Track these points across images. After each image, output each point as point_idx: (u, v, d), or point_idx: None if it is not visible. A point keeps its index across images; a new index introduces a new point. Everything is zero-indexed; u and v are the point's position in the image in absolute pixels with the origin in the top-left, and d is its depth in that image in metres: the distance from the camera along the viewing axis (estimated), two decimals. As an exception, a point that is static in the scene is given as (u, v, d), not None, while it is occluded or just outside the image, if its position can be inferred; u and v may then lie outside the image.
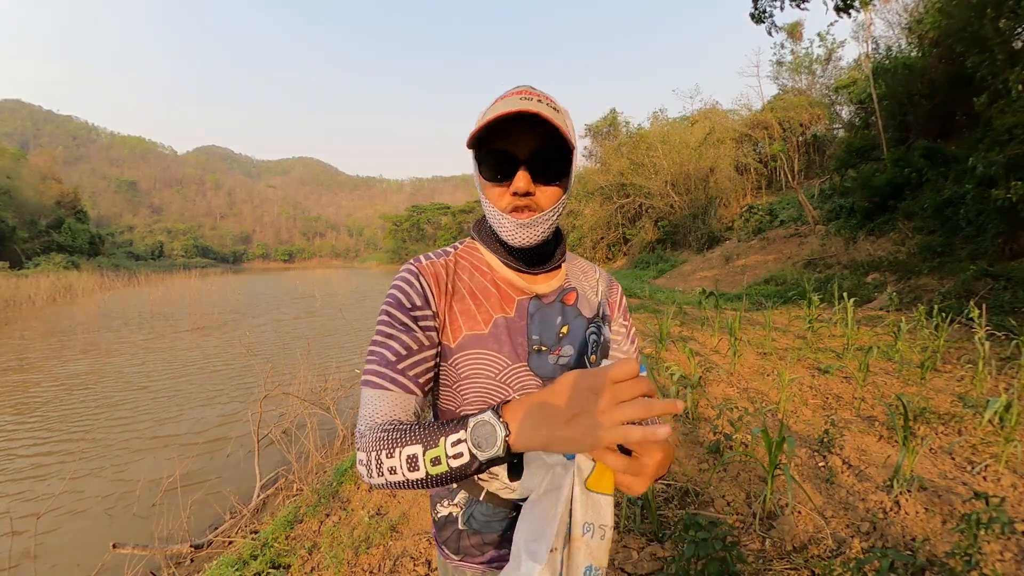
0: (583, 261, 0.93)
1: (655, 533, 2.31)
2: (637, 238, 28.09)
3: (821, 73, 27.42)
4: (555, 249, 0.82)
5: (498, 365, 0.76)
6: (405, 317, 0.75)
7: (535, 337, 0.79)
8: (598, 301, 0.88)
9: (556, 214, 0.75)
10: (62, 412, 7.23)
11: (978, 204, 8.40)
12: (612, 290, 0.92)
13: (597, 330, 0.84)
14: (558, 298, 0.82)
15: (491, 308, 0.78)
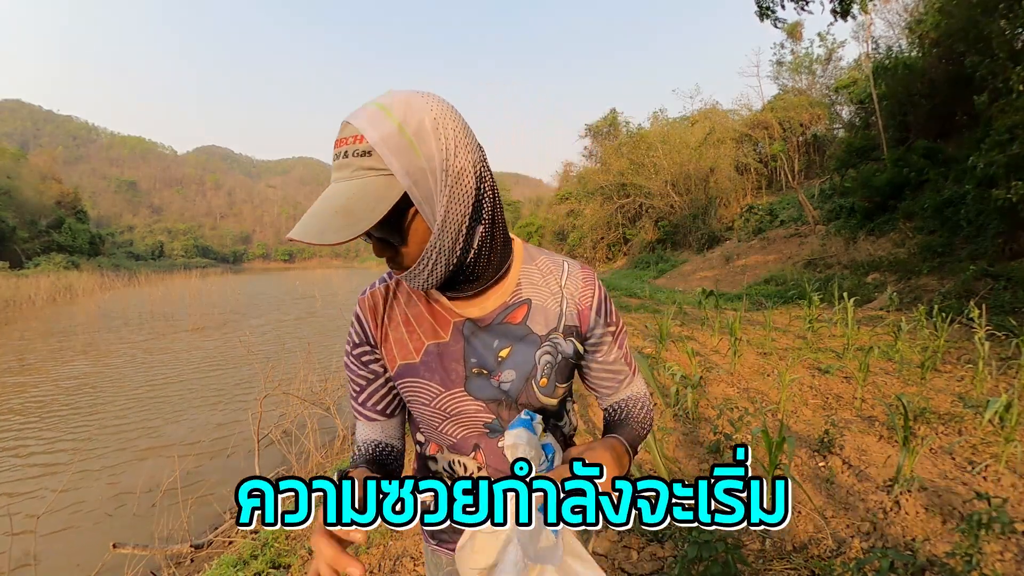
0: (550, 259, 0.81)
1: (655, 533, 2.31)
2: (637, 238, 28.09)
3: (821, 73, 27.43)
4: (484, 269, 0.71)
5: (431, 392, 0.77)
6: (352, 357, 0.81)
7: (473, 360, 0.76)
8: (559, 311, 0.78)
9: (433, 256, 0.64)
10: (62, 413, 7.23)
11: (978, 204, 8.39)
12: (585, 291, 0.80)
13: (553, 349, 0.77)
14: (497, 319, 0.76)
15: (423, 335, 0.77)
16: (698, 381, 3.75)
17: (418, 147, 0.59)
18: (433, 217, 0.62)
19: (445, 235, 0.63)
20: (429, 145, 0.60)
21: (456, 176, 0.61)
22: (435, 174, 0.61)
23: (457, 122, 0.63)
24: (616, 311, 0.86)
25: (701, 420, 3.58)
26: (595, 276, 0.83)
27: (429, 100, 0.62)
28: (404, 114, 0.59)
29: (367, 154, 0.58)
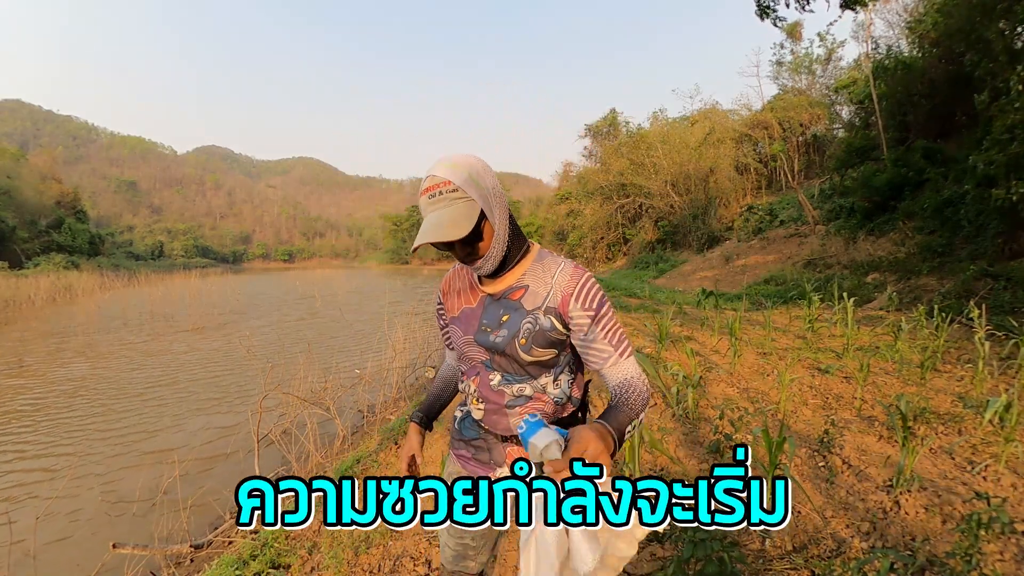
0: (554, 260, 1.10)
1: (655, 533, 2.31)
2: (637, 238, 28.09)
3: (821, 73, 27.43)
4: (504, 263, 1.07)
5: (458, 336, 1.19)
6: (436, 312, 1.32)
7: (485, 321, 1.12)
8: (545, 295, 1.07)
9: (498, 247, 1.01)
10: (60, 414, 7.23)
11: (978, 204, 8.39)
12: (570, 282, 1.06)
13: (533, 320, 1.06)
14: (504, 295, 1.10)
15: (463, 301, 1.19)
16: (698, 381, 3.75)
17: (480, 183, 0.97)
18: (495, 222, 1.00)
19: (501, 232, 1.01)
20: (485, 181, 0.98)
21: (499, 196, 1.01)
22: (491, 197, 0.99)
23: (488, 165, 1.02)
24: (600, 300, 1.06)
25: (701, 420, 3.58)
26: (583, 273, 1.07)
27: (472, 156, 1.00)
28: (467, 165, 0.97)
29: (455, 190, 0.94)
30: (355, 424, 6.07)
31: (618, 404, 1.00)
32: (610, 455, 0.89)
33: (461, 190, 0.94)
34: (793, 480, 2.29)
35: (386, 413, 6.13)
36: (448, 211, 0.94)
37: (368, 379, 6.83)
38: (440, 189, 0.94)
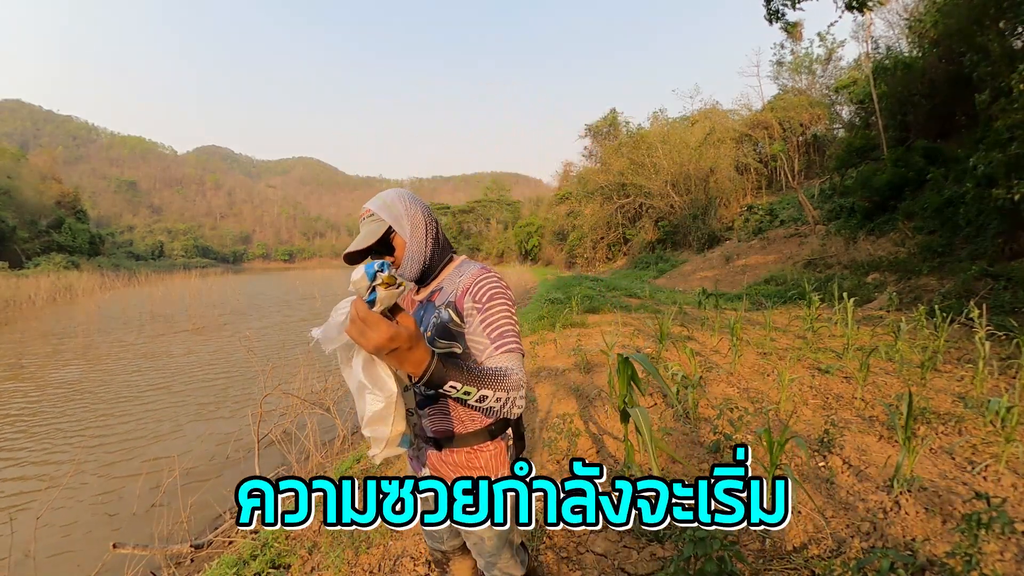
0: (469, 266, 1.26)
1: (655, 533, 2.31)
2: (637, 238, 28.09)
3: (821, 73, 27.43)
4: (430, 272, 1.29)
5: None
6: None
7: (418, 319, 1.29)
8: (451, 292, 1.22)
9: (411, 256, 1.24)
10: (60, 415, 7.23)
11: (978, 204, 8.39)
12: (469, 280, 1.19)
13: (437, 314, 1.21)
14: (426, 298, 1.31)
15: (408, 306, 1.38)
16: (698, 381, 3.75)
17: (391, 208, 1.24)
18: (405, 236, 1.23)
19: (413, 246, 1.24)
20: (396, 207, 1.24)
21: (412, 217, 1.24)
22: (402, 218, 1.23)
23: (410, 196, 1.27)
24: (490, 296, 1.16)
25: (701, 420, 3.58)
26: (485, 273, 1.20)
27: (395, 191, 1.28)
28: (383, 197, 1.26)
29: (372, 215, 1.25)
30: (355, 424, 6.07)
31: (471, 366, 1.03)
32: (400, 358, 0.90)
33: (376, 215, 1.23)
34: (793, 480, 2.29)
35: (386, 413, 6.12)
36: (364, 229, 1.24)
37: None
38: (364, 216, 1.26)
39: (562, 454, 3.27)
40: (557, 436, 3.33)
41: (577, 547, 2.36)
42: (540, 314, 8.76)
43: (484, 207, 67.99)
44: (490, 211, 66.66)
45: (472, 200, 75.16)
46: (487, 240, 61.42)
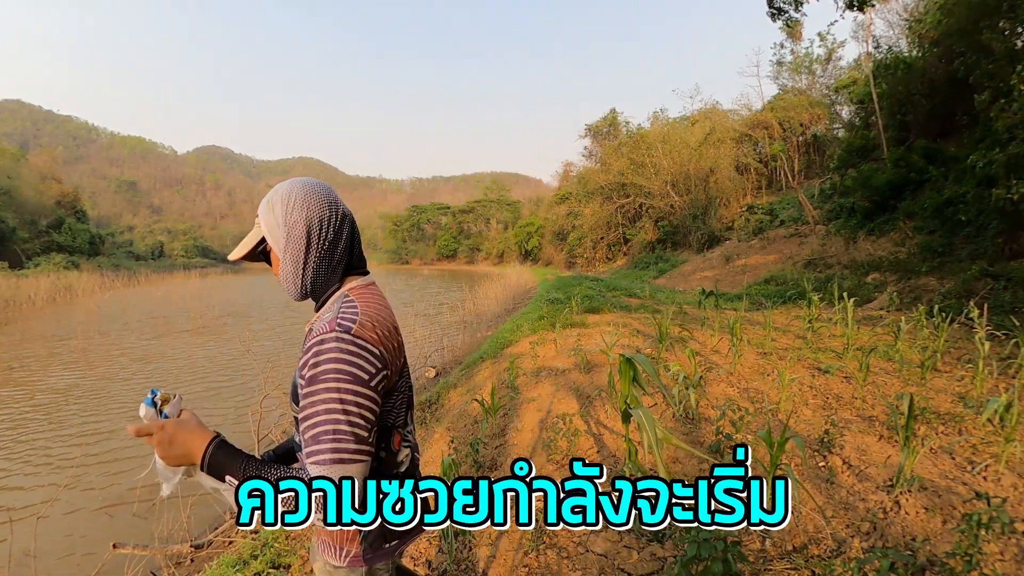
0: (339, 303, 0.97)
1: (655, 533, 2.31)
2: (637, 238, 28.09)
3: (821, 73, 27.43)
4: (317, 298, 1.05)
5: None
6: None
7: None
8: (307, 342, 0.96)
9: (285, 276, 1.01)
10: (60, 415, 7.23)
11: (978, 204, 8.39)
12: (312, 334, 0.93)
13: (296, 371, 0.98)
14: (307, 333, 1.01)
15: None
16: (698, 381, 3.75)
17: (272, 213, 0.99)
18: (278, 251, 1.00)
19: (287, 263, 0.99)
20: (276, 212, 0.99)
21: (290, 228, 0.97)
22: (277, 229, 0.99)
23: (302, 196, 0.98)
24: (314, 378, 0.86)
25: (701, 420, 3.58)
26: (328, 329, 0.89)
27: (290, 185, 1.00)
28: (273, 194, 1.00)
29: (257, 217, 1.03)
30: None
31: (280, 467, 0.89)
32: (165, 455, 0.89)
33: (258, 217, 1.02)
34: (793, 480, 2.29)
35: (386, 413, 6.12)
36: (249, 233, 1.05)
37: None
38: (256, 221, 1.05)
39: (562, 454, 3.27)
40: (557, 436, 3.33)
41: (577, 547, 2.36)
42: (540, 314, 8.76)
43: (484, 207, 67.99)
44: (490, 211, 66.66)
45: (472, 200, 75.15)
46: (487, 240, 61.42)
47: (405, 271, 57.74)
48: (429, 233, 75.16)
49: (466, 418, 4.49)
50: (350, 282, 1.04)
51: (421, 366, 8.51)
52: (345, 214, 1.02)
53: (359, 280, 1.05)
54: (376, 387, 0.89)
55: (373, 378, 0.89)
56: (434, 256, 70.03)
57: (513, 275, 25.33)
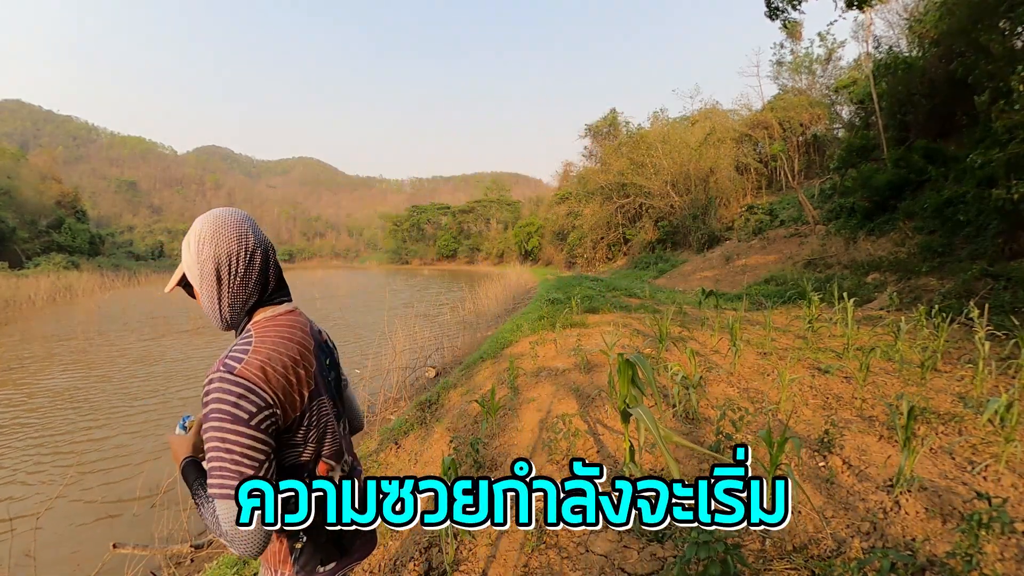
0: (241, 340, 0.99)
1: (655, 533, 2.31)
2: (637, 238, 28.08)
3: (821, 73, 27.43)
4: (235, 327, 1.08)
5: None
6: None
7: None
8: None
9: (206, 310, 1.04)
10: (60, 415, 7.23)
11: (978, 204, 8.39)
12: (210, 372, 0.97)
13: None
14: None
15: None
16: (698, 381, 3.75)
17: (188, 249, 1.02)
18: (196, 286, 1.03)
19: (204, 298, 1.02)
20: (191, 248, 1.01)
21: (203, 264, 1.00)
22: (193, 265, 1.01)
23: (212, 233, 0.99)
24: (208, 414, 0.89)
25: (701, 420, 3.58)
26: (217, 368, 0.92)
27: (204, 221, 1.01)
28: (189, 231, 1.03)
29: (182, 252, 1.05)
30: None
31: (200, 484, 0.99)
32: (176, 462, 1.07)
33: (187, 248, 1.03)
34: (793, 480, 2.28)
35: (386, 413, 6.13)
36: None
37: (368, 379, 6.83)
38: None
39: (562, 454, 3.27)
40: (557, 436, 3.33)
41: (577, 547, 2.36)
42: (540, 314, 8.76)
43: (484, 207, 68.00)
44: (490, 211, 66.67)
45: (472, 200, 75.15)
46: (487, 240, 61.42)
47: (405, 271, 57.75)
48: (429, 233, 75.19)
49: (466, 418, 4.49)
50: (260, 314, 1.05)
51: (421, 366, 8.51)
52: (256, 246, 1.03)
53: (270, 311, 1.06)
54: (259, 426, 0.90)
55: (254, 417, 0.89)
56: (434, 256, 70.04)
57: (513, 275, 25.34)
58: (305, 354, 1.03)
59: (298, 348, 1.02)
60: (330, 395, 1.11)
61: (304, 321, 1.11)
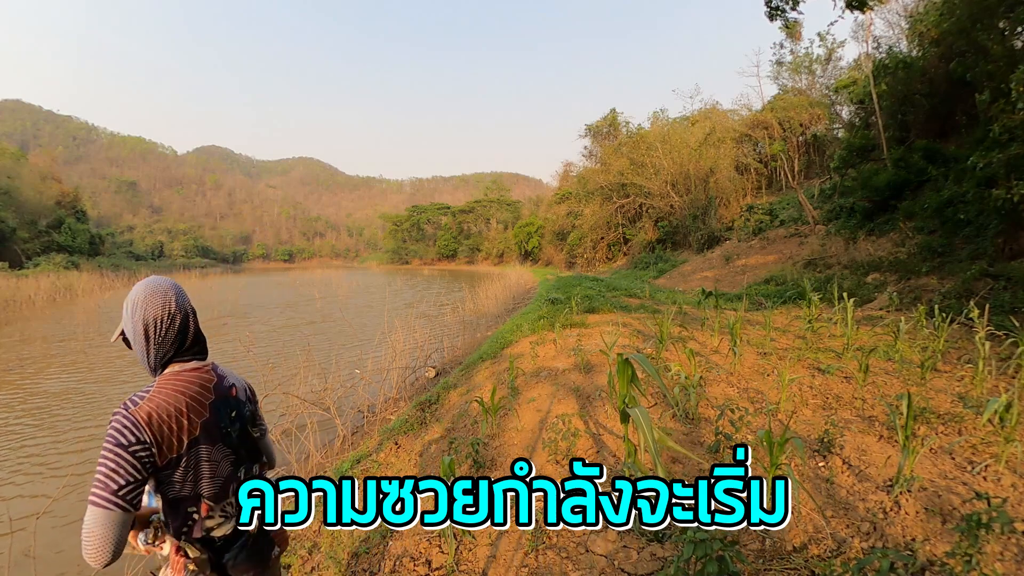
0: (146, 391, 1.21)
1: (655, 533, 2.31)
2: (637, 238, 28.09)
3: (821, 73, 27.43)
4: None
5: None
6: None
7: None
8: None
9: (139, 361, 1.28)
10: (61, 415, 7.23)
11: (978, 204, 8.39)
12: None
13: None
14: None
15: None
16: (698, 381, 3.75)
17: (127, 310, 1.27)
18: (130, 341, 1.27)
19: (137, 349, 1.26)
20: (126, 310, 1.28)
21: (132, 325, 1.25)
22: (126, 324, 1.28)
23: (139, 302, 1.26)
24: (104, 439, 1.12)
25: (701, 420, 3.58)
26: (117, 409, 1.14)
27: (138, 289, 1.28)
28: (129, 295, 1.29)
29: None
30: (356, 423, 6.07)
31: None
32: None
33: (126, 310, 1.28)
34: (793, 480, 2.28)
35: (386, 413, 6.13)
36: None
37: (368, 379, 6.83)
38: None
39: (562, 454, 3.27)
40: (557, 436, 3.33)
41: (577, 547, 2.36)
42: (540, 314, 8.76)
43: (484, 207, 68.02)
44: (490, 211, 66.70)
45: (472, 200, 75.16)
46: (487, 240, 61.44)
47: (405, 271, 57.75)
48: (429, 233, 75.20)
49: (466, 418, 4.49)
50: (171, 367, 1.27)
51: (421, 366, 8.51)
52: (177, 311, 1.26)
53: (178, 367, 1.27)
54: (135, 455, 1.10)
55: (132, 446, 1.10)
56: (434, 256, 70.06)
57: (513, 275, 25.34)
58: (195, 407, 1.22)
59: (187, 401, 1.21)
60: (226, 443, 1.28)
61: (209, 379, 1.31)
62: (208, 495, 1.22)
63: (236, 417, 1.35)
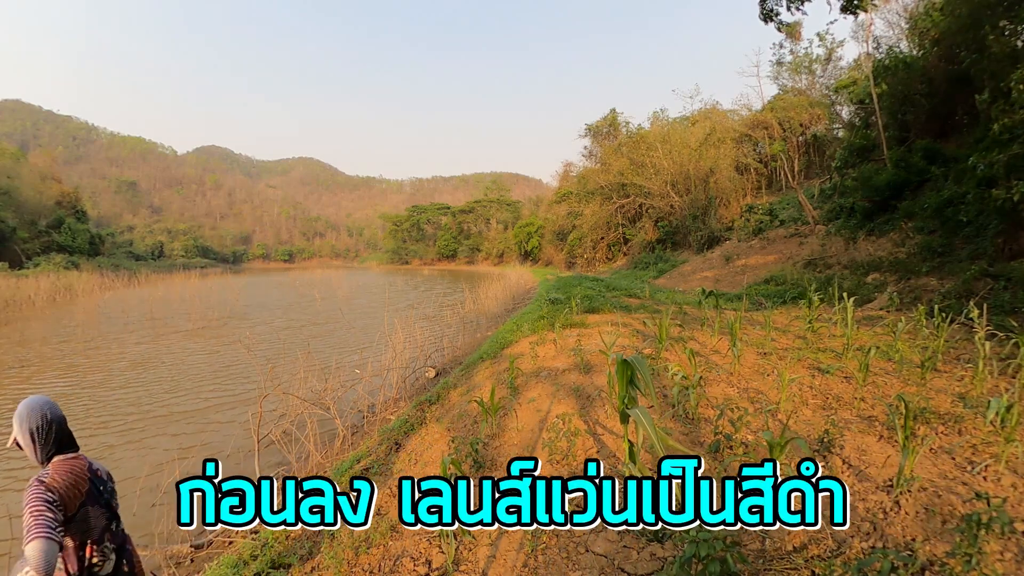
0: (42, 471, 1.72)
1: (655, 533, 2.31)
2: (637, 238, 28.08)
3: (821, 73, 27.43)
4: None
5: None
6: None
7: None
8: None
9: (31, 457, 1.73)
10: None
11: (978, 204, 8.38)
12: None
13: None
14: None
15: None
16: (698, 381, 3.75)
17: (16, 423, 1.72)
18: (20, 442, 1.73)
19: (27, 451, 1.72)
20: (17, 423, 1.72)
21: (23, 436, 1.71)
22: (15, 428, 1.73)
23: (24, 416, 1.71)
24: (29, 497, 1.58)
25: (701, 420, 3.58)
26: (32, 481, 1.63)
27: (23, 406, 1.73)
28: (16, 411, 1.74)
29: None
30: (355, 423, 6.07)
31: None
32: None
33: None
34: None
35: (386, 413, 6.13)
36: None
37: (368, 379, 6.84)
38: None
39: (562, 454, 3.27)
40: (556, 436, 3.33)
41: (577, 547, 2.36)
42: (540, 314, 8.76)
43: (484, 207, 68.02)
44: (490, 211, 66.69)
45: (472, 200, 75.15)
46: (487, 240, 61.45)
47: (405, 271, 57.75)
48: (429, 233, 75.19)
49: (466, 418, 4.49)
50: (56, 459, 1.74)
51: (421, 366, 8.51)
52: (52, 421, 1.73)
53: (61, 458, 1.75)
54: (54, 504, 1.60)
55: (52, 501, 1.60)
56: (434, 256, 70.05)
57: (513, 275, 25.34)
58: (79, 482, 1.73)
59: (74, 479, 1.71)
60: (102, 505, 1.83)
61: (83, 464, 1.80)
62: (91, 541, 1.73)
63: (104, 490, 1.89)
